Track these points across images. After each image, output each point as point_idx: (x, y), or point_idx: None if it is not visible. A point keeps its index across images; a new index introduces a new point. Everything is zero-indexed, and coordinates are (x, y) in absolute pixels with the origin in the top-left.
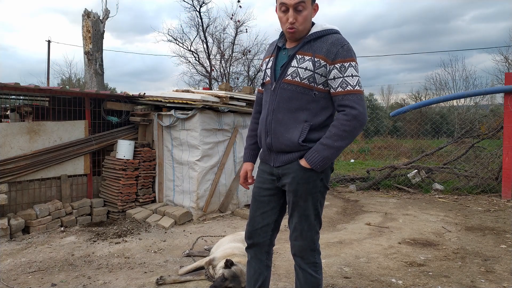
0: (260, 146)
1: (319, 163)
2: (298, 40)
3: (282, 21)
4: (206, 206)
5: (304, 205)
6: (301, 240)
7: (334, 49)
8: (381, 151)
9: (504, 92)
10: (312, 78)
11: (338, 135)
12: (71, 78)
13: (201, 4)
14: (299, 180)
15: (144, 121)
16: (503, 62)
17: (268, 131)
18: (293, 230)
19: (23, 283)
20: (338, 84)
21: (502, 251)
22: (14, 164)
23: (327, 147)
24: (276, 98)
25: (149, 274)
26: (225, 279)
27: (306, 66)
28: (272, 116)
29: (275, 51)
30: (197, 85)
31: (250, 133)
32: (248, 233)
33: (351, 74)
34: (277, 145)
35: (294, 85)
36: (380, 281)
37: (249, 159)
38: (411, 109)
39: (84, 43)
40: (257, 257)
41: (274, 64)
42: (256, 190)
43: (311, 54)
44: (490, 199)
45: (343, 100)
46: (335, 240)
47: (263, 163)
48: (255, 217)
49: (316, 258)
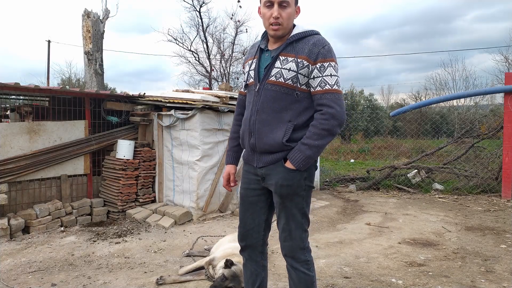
0: (243, 147)
1: (302, 162)
2: (280, 40)
3: (266, 17)
4: (206, 206)
5: (290, 205)
6: (290, 240)
7: (315, 50)
8: (381, 151)
9: (504, 92)
10: (295, 78)
11: (318, 134)
12: (71, 78)
13: (201, 4)
14: (283, 181)
15: (144, 121)
16: (503, 62)
17: (252, 131)
18: (281, 231)
19: (23, 283)
20: (317, 83)
21: (502, 251)
22: (14, 164)
23: (309, 147)
24: (260, 99)
25: (149, 274)
26: (225, 279)
27: (290, 67)
28: (256, 116)
29: (257, 52)
30: (197, 85)
31: (232, 135)
32: (240, 236)
33: (330, 74)
34: (260, 146)
35: (278, 85)
36: (380, 281)
37: (231, 161)
38: (411, 109)
39: (84, 43)
40: (252, 258)
41: (258, 65)
42: (243, 191)
43: (294, 55)
44: (490, 199)
45: (321, 99)
46: (335, 240)
47: (246, 164)
48: (246, 218)
49: (307, 256)
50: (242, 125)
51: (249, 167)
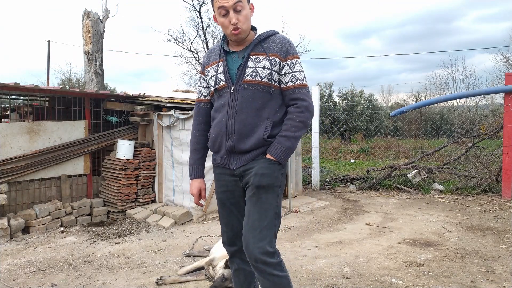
0: (215, 150)
1: (282, 154)
2: (242, 42)
3: (225, 25)
4: (206, 206)
5: (265, 197)
6: (260, 241)
7: (284, 47)
8: (381, 151)
9: (504, 92)
10: (270, 76)
11: (295, 126)
12: (71, 78)
13: (201, 4)
14: (263, 170)
15: (144, 121)
16: (503, 62)
17: (230, 133)
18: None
19: (23, 283)
20: (288, 79)
21: (502, 251)
22: (14, 164)
23: (287, 138)
24: (237, 100)
25: (149, 274)
26: (225, 279)
27: (264, 65)
28: (235, 117)
29: (221, 56)
30: (197, 85)
31: (194, 146)
32: (229, 240)
33: (298, 70)
34: (240, 146)
35: (255, 84)
36: (380, 281)
37: (199, 174)
38: (411, 109)
39: (84, 43)
40: (245, 262)
41: (226, 67)
42: (221, 195)
43: (265, 54)
44: (490, 199)
45: (294, 94)
46: (335, 240)
47: (219, 167)
48: (231, 221)
49: (277, 257)
50: (214, 130)
51: (223, 170)
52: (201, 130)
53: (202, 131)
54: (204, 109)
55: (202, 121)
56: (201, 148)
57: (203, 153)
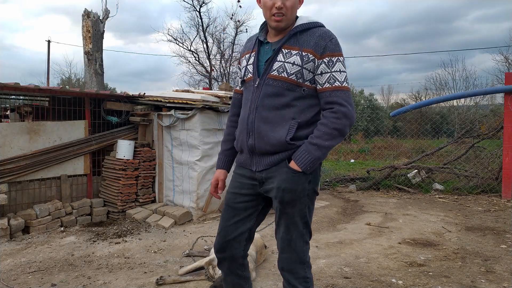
0: (239, 149)
1: (309, 164)
2: (281, 32)
3: (267, 6)
4: (206, 206)
5: (291, 211)
6: (289, 252)
7: (322, 43)
8: (381, 151)
9: (504, 92)
10: (300, 73)
11: (329, 134)
12: (71, 78)
13: (201, 4)
14: (286, 184)
15: (144, 121)
16: (503, 62)
17: (250, 131)
18: (280, 241)
19: (23, 283)
20: (325, 80)
21: (502, 251)
22: (14, 164)
23: (318, 147)
24: (260, 95)
25: (149, 274)
26: None
27: (294, 60)
28: (255, 114)
29: (256, 45)
30: (197, 85)
31: (225, 137)
32: (218, 245)
33: (339, 70)
34: (261, 146)
35: (280, 81)
36: (380, 281)
37: (223, 165)
38: (411, 109)
39: (84, 43)
40: (232, 271)
41: (257, 59)
42: (230, 196)
43: (298, 48)
44: (490, 199)
45: (331, 97)
46: (335, 240)
47: (241, 168)
48: (228, 226)
49: (307, 272)
50: (238, 127)
51: (244, 171)
52: (234, 121)
53: (235, 123)
54: (238, 100)
55: (236, 112)
56: (231, 140)
57: (231, 144)
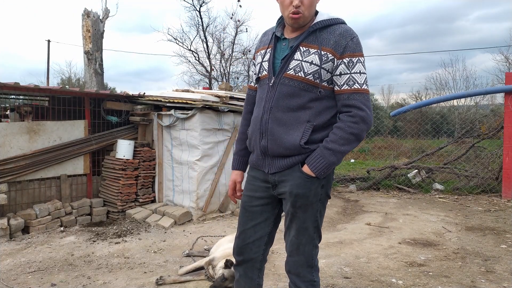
0: (251, 149)
1: (323, 169)
2: (300, 28)
3: (284, 4)
4: (206, 206)
5: (303, 216)
6: (297, 255)
7: (343, 42)
8: (381, 151)
9: (505, 92)
10: (317, 74)
11: (345, 139)
12: (70, 77)
13: (201, 3)
14: (298, 189)
15: (144, 121)
16: (504, 62)
17: (264, 132)
18: (289, 244)
19: (23, 283)
20: (344, 81)
21: (502, 251)
22: (13, 164)
23: (333, 152)
24: (274, 95)
25: (149, 274)
26: (225, 279)
27: (312, 60)
28: (269, 115)
29: (272, 41)
30: (197, 85)
31: (240, 136)
32: (237, 249)
33: (359, 71)
34: (274, 149)
35: (297, 80)
36: (380, 281)
37: (238, 166)
38: (411, 109)
39: (84, 43)
40: (248, 275)
41: (273, 56)
42: (246, 199)
43: (317, 47)
44: (490, 199)
45: (349, 100)
46: (335, 240)
47: (254, 169)
48: (246, 230)
49: (314, 275)
50: (250, 127)
51: (257, 173)
52: (247, 119)
53: (248, 121)
54: (252, 97)
55: (250, 110)
56: (245, 138)
57: (246, 144)
